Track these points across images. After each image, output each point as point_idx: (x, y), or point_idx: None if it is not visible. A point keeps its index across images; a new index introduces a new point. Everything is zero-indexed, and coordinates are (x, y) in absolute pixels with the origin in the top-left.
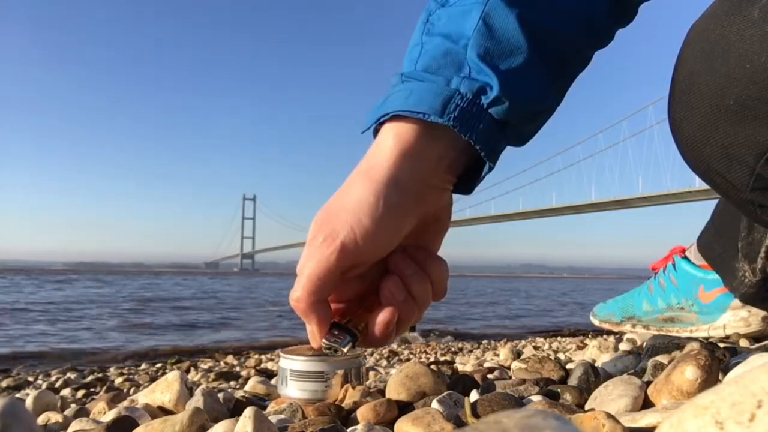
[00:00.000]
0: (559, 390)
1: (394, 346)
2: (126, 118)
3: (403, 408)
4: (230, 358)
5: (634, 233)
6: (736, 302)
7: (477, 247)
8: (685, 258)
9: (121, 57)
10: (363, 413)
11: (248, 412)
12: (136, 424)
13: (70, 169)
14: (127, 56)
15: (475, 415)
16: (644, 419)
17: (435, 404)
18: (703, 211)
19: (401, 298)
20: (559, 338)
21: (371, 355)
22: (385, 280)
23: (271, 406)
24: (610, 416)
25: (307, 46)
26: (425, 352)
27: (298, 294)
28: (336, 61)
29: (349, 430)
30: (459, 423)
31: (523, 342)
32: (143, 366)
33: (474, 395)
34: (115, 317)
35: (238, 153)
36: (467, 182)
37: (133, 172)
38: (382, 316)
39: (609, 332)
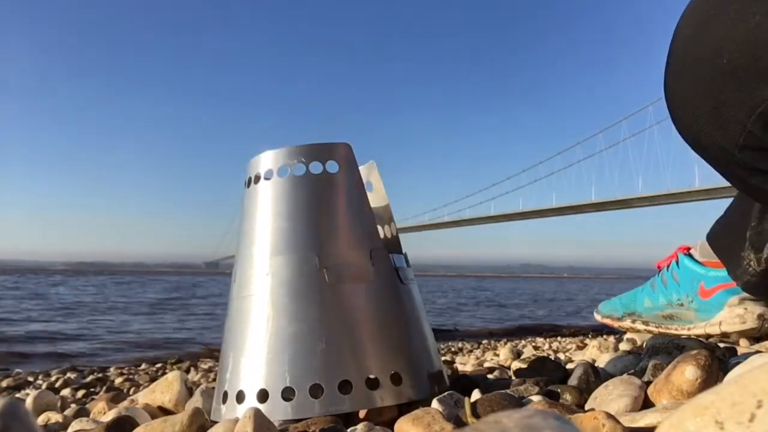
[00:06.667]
0: (559, 390)
1: None
2: (125, 118)
3: (403, 408)
4: None
5: (634, 233)
6: (733, 299)
7: (477, 247)
8: (689, 255)
9: (122, 56)
10: (364, 413)
11: (248, 412)
12: (136, 424)
13: (69, 169)
14: (129, 55)
15: (475, 415)
16: (644, 419)
17: (435, 404)
18: (703, 212)
19: None
20: (559, 338)
21: None
22: None
23: None
24: (610, 416)
25: (307, 45)
26: None
27: None
28: (336, 56)
29: (349, 430)
30: (459, 423)
31: (523, 342)
32: (143, 366)
33: (474, 395)
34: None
35: (238, 152)
36: None
37: (134, 171)
38: None
39: (610, 331)
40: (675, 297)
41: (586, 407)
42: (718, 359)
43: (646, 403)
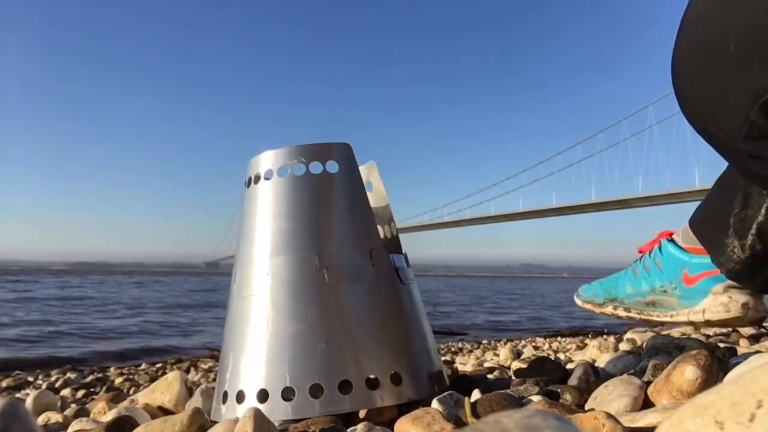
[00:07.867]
0: (559, 390)
1: None
2: (126, 118)
3: (403, 408)
4: None
5: (633, 233)
6: (718, 287)
7: (477, 247)
8: (672, 241)
9: (122, 56)
10: (364, 413)
11: (248, 412)
12: (136, 424)
13: (70, 169)
14: (128, 55)
15: (475, 415)
16: (644, 419)
17: (435, 404)
18: None
19: None
20: (559, 338)
21: None
22: None
23: None
24: (610, 416)
25: (307, 45)
26: None
27: None
28: (336, 56)
29: (349, 430)
30: (459, 423)
31: (523, 342)
32: (143, 366)
33: (474, 395)
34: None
35: (238, 151)
36: None
37: (134, 171)
38: None
39: (610, 331)
40: (658, 284)
41: (586, 407)
42: (718, 359)
43: (646, 403)
